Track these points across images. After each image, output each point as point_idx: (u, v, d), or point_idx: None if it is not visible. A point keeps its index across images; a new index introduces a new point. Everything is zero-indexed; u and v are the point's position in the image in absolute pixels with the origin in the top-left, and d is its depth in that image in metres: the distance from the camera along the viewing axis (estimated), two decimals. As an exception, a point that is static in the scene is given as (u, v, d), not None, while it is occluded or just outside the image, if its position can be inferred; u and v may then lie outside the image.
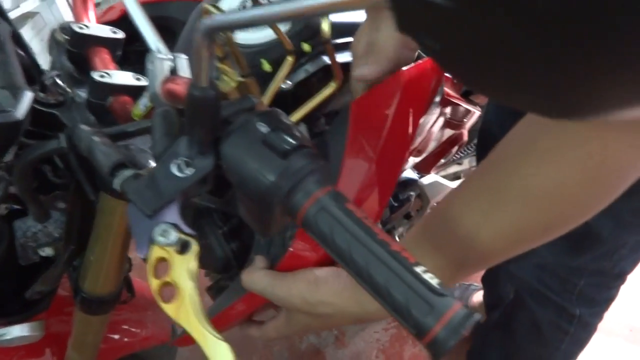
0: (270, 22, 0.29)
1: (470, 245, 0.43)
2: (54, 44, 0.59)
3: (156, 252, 0.35)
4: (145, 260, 0.35)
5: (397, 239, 1.21)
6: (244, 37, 0.57)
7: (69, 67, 0.56)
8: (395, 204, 1.04)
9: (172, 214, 0.36)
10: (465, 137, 0.93)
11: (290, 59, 0.49)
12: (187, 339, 0.76)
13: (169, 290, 0.34)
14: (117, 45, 0.56)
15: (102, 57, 0.54)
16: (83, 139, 0.41)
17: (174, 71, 0.43)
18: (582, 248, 0.79)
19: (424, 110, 0.56)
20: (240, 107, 0.38)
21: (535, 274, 0.89)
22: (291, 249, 0.52)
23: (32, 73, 0.54)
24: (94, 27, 0.55)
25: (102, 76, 0.51)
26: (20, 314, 0.64)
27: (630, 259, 0.81)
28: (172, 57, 0.43)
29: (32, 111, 0.48)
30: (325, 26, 0.43)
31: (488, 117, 0.88)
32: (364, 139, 0.50)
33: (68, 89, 0.56)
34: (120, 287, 0.65)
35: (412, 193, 1.08)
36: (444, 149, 0.91)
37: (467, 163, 1.27)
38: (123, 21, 0.62)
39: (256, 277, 0.53)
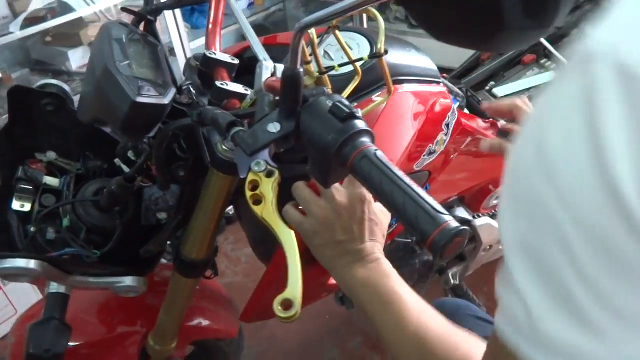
0: (343, 13, 0.47)
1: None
2: (188, 67, 0.81)
3: (251, 176, 0.52)
4: (244, 179, 0.52)
5: (450, 278, 1.29)
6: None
7: (198, 82, 0.78)
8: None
9: (264, 155, 0.54)
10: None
11: (357, 78, 0.67)
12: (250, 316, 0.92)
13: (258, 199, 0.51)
14: (233, 68, 0.77)
15: (222, 74, 0.76)
16: (209, 113, 0.60)
17: (273, 74, 0.62)
18: None
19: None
20: (315, 92, 0.56)
21: None
22: None
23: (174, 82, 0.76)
24: (219, 54, 0.77)
25: (222, 84, 0.71)
26: (135, 268, 0.82)
27: None
28: (273, 65, 0.63)
29: (171, 106, 0.69)
30: (380, 44, 0.61)
31: None
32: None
33: (194, 97, 0.77)
34: (209, 257, 0.82)
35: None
36: (487, 184, 1.03)
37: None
38: (238, 55, 0.84)
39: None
